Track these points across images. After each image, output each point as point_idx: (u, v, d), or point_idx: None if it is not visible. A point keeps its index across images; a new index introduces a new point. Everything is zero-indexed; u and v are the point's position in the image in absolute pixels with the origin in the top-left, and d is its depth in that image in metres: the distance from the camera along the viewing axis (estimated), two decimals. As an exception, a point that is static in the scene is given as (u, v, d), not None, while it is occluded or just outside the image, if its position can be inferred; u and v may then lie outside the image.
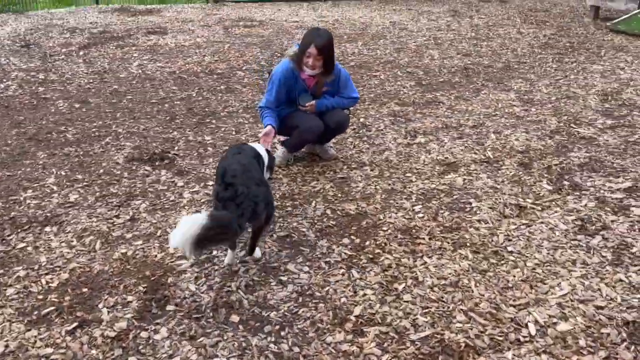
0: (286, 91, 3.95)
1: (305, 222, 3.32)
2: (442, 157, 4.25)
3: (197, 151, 4.43)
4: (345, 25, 9.95)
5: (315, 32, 3.78)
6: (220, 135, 4.77)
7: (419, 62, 7.34)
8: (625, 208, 3.44)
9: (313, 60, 3.73)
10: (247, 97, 5.83)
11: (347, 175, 3.96)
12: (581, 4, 12.66)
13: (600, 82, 6.31)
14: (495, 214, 3.39)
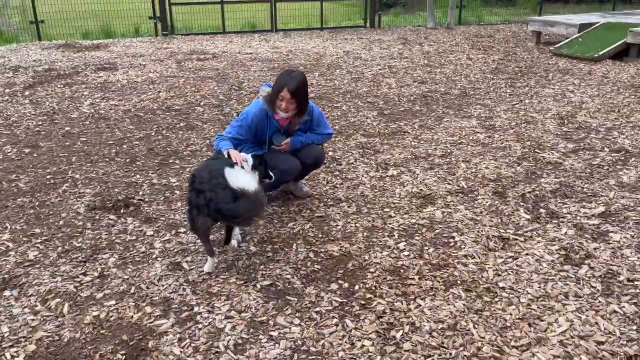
0: (256, 132, 3.83)
1: (289, 268, 3.16)
2: (417, 190, 4.20)
3: (164, 195, 4.21)
4: (300, 55, 9.94)
5: (288, 75, 3.67)
6: (186, 177, 4.56)
7: (378, 91, 7.36)
8: (604, 234, 3.46)
9: (286, 103, 3.63)
10: (209, 134, 5.64)
11: (325, 214, 3.83)
12: (522, 30, 13.22)
13: (554, 105, 6.49)
14: (480, 247, 3.33)
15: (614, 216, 3.70)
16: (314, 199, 4.09)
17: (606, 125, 5.68)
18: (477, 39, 11.82)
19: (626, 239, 3.38)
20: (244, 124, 3.77)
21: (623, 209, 3.80)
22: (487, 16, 15.56)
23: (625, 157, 4.78)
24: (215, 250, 3.24)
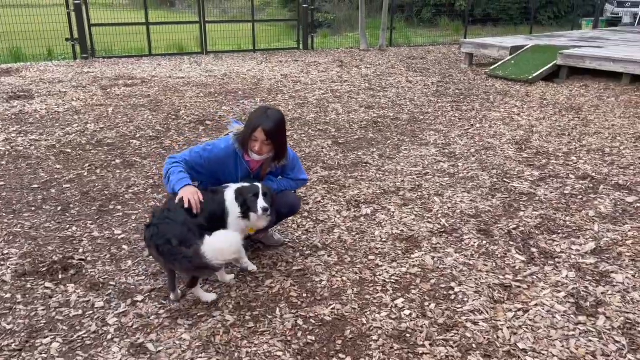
0: (219, 171, 3.33)
1: (277, 342, 2.67)
2: (397, 231, 3.84)
3: (109, 252, 3.57)
4: (236, 80, 9.43)
5: (263, 113, 3.20)
6: (133, 227, 3.94)
7: (326, 117, 7.02)
8: (605, 275, 3.25)
9: (260, 145, 3.16)
10: (151, 172, 5.02)
11: (305, 266, 3.37)
12: (451, 51, 13.45)
13: (506, 130, 6.42)
14: (484, 299, 3.00)
15: (606, 253, 3.51)
16: (287, 247, 3.62)
17: (562, 150, 5.64)
18: (410, 60, 11.84)
19: (629, 280, 3.18)
20: (207, 155, 3.26)
21: (613, 244, 3.63)
22: (413, 37, 15.77)
23: (593, 184, 4.69)
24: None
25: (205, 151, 3.28)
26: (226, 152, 3.28)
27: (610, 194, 4.46)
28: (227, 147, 3.28)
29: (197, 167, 3.26)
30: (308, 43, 13.01)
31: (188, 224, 2.92)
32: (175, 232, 2.84)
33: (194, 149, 3.32)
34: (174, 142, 5.90)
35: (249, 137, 3.15)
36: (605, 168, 5.09)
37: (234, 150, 3.28)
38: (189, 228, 2.92)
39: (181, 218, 2.94)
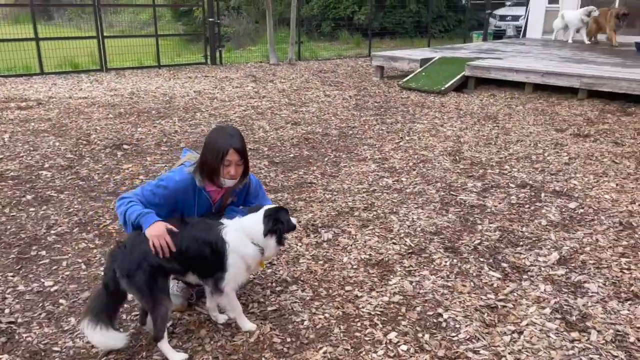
0: (178, 206, 2.94)
1: (275, 400, 2.35)
2: (365, 256, 3.64)
3: (44, 309, 3.02)
4: (146, 98, 8.81)
5: (224, 132, 2.88)
6: (66, 275, 3.39)
7: (254, 135, 6.70)
8: (579, 286, 3.27)
9: (235, 167, 2.84)
10: (73, 207, 4.43)
11: (280, 305, 3.06)
12: (358, 64, 13.65)
13: (435, 142, 6.49)
14: (477, 325, 2.88)
15: (571, 262, 3.56)
16: (253, 284, 3.28)
17: (494, 159, 5.77)
18: (323, 74, 11.81)
19: (602, 289, 3.22)
20: (161, 192, 2.86)
21: (574, 252, 3.69)
22: (319, 51, 15.85)
23: (534, 192, 4.81)
24: None
25: (159, 187, 2.88)
26: (183, 185, 2.91)
27: (552, 202, 4.59)
28: (183, 180, 2.91)
29: (151, 207, 2.85)
30: (216, 57, 12.55)
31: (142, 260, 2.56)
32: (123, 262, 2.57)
33: (145, 187, 2.91)
34: (92, 172, 5.29)
35: (219, 164, 2.80)
36: (538, 175, 5.26)
37: (192, 182, 2.92)
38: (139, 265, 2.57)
39: (137, 252, 2.58)
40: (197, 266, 2.73)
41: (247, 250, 2.73)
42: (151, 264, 2.57)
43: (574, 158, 5.78)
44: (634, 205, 4.47)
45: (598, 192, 4.79)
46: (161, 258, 2.60)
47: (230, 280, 2.73)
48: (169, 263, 2.62)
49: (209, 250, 2.69)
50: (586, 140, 6.45)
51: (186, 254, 2.65)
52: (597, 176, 5.19)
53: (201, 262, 2.71)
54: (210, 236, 2.70)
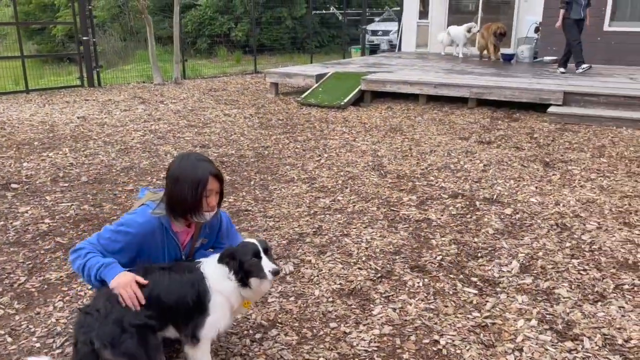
0: (142, 253, 2.54)
1: None
2: (336, 286, 3.42)
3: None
4: (22, 128, 7.79)
5: (192, 160, 2.53)
6: (-11, 353, 2.76)
7: (163, 162, 6.18)
8: (550, 293, 3.34)
9: (215, 197, 2.50)
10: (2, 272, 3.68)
11: (266, 355, 2.73)
12: (247, 81, 13.39)
13: (354, 157, 6.45)
14: (477, 348, 2.80)
15: (532, 269, 3.65)
16: (228, 334, 2.91)
17: (417, 172, 5.86)
18: (214, 92, 11.38)
19: (571, 293, 3.33)
20: (121, 239, 2.47)
21: (530, 258, 3.80)
22: (201, 69, 15.32)
23: (468, 202, 4.93)
24: None
25: (119, 233, 2.46)
26: (149, 227, 2.51)
27: (489, 209, 4.73)
28: (148, 222, 2.51)
29: (111, 257, 2.42)
30: (94, 79, 11.54)
31: (123, 321, 2.15)
32: (102, 330, 2.15)
33: (101, 233, 2.47)
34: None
35: (201, 196, 2.44)
36: (464, 184, 5.42)
37: (158, 224, 2.52)
38: (122, 328, 2.14)
39: (114, 314, 2.17)
40: (176, 314, 2.37)
41: (228, 289, 2.42)
42: (136, 324, 2.16)
43: (488, 165, 6.06)
44: (559, 207, 4.75)
45: (523, 196, 5.03)
46: (141, 312, 2.20)
47: (210, 325, 2.39)
48: (151, 317, 2.24)
49: (188, 291, 2.37)
50: (491, 147, 6.82)
51: (164, 301, 2.30)
52: (515, 181, 5.47)
53: (181, 308, 2.36)
54: (195, 275, 2.39)
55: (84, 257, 2.34)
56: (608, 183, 5.34)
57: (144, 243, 2.50)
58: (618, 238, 4.08)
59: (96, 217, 4.58)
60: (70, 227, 4.37)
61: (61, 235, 4.22)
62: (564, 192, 5.10)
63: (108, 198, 5.05)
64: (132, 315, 2.20)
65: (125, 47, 21.05)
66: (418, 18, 16.15)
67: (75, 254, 2.38)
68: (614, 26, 11.95)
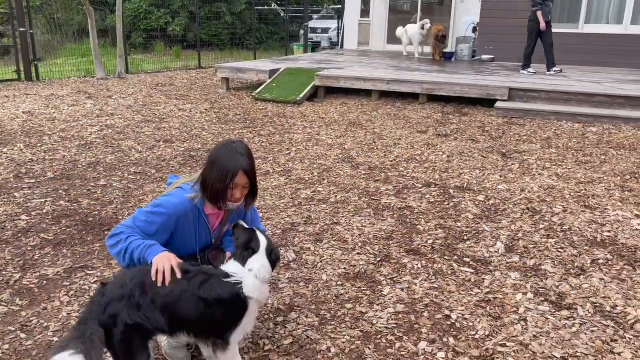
0: (176, 235, 2.57)
1: None
2: (341, 270, 3.55)
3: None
4: (-34, 123, 7.33)
5: (233, 151, 2.55)
6: (5, 349, 2.67)
7: (130, 157, 6.05)
8: (536, 269, 3.64)
9: (241, 190, 2.55)
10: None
11: (293, 336, 2.82)
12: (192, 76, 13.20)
13: (324, 151, 6.59)
14: (487, 320, 3.02)
15: (517, 249, 3.94)
16: (250, 320, 2.97)
17: (387, 164, 6.09)
18: (162, 87, 11.14)
19: (556, 269, 3.63)
20: (158, 220, 2.49)
21: (512, 239, 4.09)
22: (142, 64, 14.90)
23: (442, 190, 5.20)
24: None
25: (155, 215, 2.48)
26: (183, 209, 2.54)
27: (463, 197, 5.02)
28: (182, 203, 2.54)
29: (146, 234, 2.45)
30: (32, 73, 10.96)
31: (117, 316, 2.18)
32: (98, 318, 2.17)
33: (136, 216, 2.48)
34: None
35: (227, 187, 2.48)
36: (434, 174, 5.70)
37: (192, 207, 2.56)
38: (115, 322, 2.18)
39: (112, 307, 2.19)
40: (198, 329, 2.36)
41: (264, 293, 2.47)
42: (127, 323, 2.17)
43: (451, 156, 6.39)
44: (526, 193, 5.11)
45: (491, 184, 5.37)
46: (137, 313, 2.20)
47: (242, 330, 2.43)
48: (150, 322, 2.23)
49: (221, 311, 2.32)
50: (449, 140, 7.17)
51: (183, 317, 2.28)
52: (480, 170, 5.81)
53: (206, 324, 2.34)
54: (224, 293, 2.32)
55: (126, 240, 2.34)
56: (562, 171, 5.79)
57: (178, 225, 2.53)
58: (584, 219, 4.47)
59: (76, 213, 4.45)
60: (52, 224, 4.22)
61: (44, 231, 4.08)
62: (526, 180, 5.49)
63: (83, 194, 4.90)
64: (126, 315, 2.17)
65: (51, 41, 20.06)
66: (360, 16, 16.51)
67: (115, 239, 2.37)
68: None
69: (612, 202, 4.85)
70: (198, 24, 16.19)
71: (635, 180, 5.45)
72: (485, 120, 8.31)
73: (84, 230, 4.13)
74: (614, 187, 5.24)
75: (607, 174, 5.64)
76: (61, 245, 3.86)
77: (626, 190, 5.15)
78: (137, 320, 2.18)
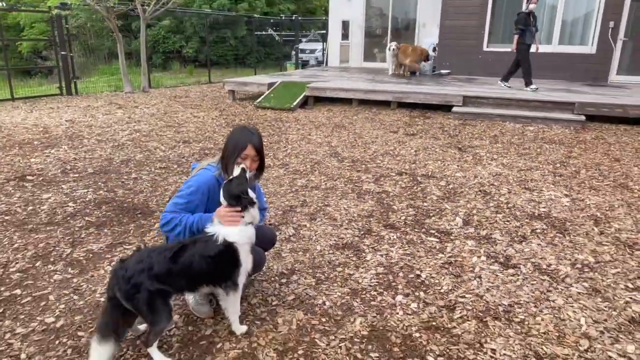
0: (208, 207, 2.60)
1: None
2: (332, 242, 3.60)
3: (66, 346, 2.36)
4: (18, 130, 7.25)
5: (246, 131, 2.61)
6: (62, 308, 2.68)
7: (155, 155, 6.04)
8: (488, 238, 3.72)
9: (250, 162, 2.58)
10: (16, 242, 3.49)
11: (295, 293, 2.87)
12: (203, 89, 13.10)
13: (315, 148, 6.61)
14: (449, 278, 3.09)
15: (472, 223, 4.01)
16: (259, 281, 3.01)
17: (366, 157, 6.14)
18: (179, 99, 11.07)
19: (503, 237, 3.71)
20: (194, 197, 2.54)
21: (468, 215, 4.17)
22: (162, 80, 14.78)
23: (411, 177, 5.26)
24: None
25: (192, 194, 2.54)
26: (210, 183, 2.58)
27: (428, 182, 5.08)
28: (208, 179, 2.58)
29: (189, 210, 2.50)
30: (71, 88, 10.84)
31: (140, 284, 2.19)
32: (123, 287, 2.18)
33: (177, 200, 2.54)
34: (10, 205, 4.23)
35: (236, 158, 2.52)
36: (404, 165, 5.76)
37: (216, 180, 2.59)
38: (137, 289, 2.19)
39: (135, 278, 2.20)
40: (212, 279, 2.40)
41: (244, 237, 2.45)
42: (149, 290, 2.19)
43: (417, 151, 6.45)
44: (478, 179, 5.20)
45: (450, 172, 5.44)
46: (154, 280, 2.21)
47: (242, 271, 2.44)
48: (172, 286, 2.27)
49: (223, 259, 2.36)
50: (416, 138, 7.23)
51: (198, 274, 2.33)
52: (441, 162, 5.89)
53: (217, 273, 2.38)
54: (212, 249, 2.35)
55: (180, 222, 2.40)
56: (507, 161, 5.89)
57: (209, 196, 2.55)
58: (524, 198, 4.57)
59: (113, 200, 4.45)
60: (94, 209, 4.22)
61: (88, 215, 4.08)
62: (478, 168, 5.57)
63: (118, 185, 4.89)
64: (148, 283, 2.19)
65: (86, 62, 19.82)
66: (341, 39, 16.49)
67: (170, 225, 2.40)
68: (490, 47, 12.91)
69: (546, 184, 4.95)
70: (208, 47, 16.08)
71: (563, 168, 5.56)
72: (444, 122, 8.38)
73: (120, 214, 4.13)
74: (547, 173, 5.34)
75: (542, 163, 5.75)
76: (102, 226, 3.86)
77: (557, 175, 5.26)
78: (157, 287, 2.21)
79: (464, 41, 12.60)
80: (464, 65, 12.50)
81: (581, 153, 6.19)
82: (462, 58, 12.74)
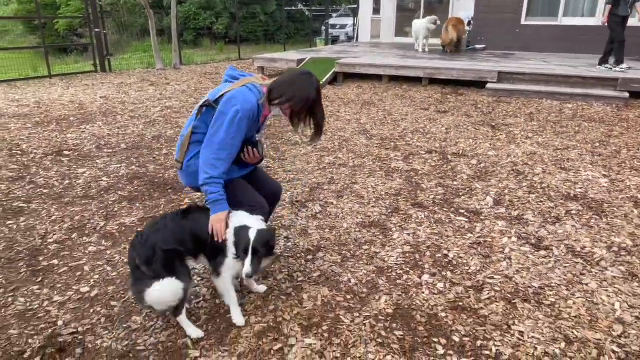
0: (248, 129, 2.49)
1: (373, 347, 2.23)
2: (359, 220, 3.58)
3: (99, 314, 2.45)
4: (55, 106, 7.48)
5: (311, 80, 2.46)
6: (96, 279, 2.78)
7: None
8: (520, 218, 3.61)
9: None
10: (54, 214, 3.62)
11: (320, 270, 2.88)
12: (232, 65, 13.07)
13: (344, 125, 6.54)
14: (478, 258, 3.03)
15: (503, 203, 3.91)
16: (286, 257, 3.04)
17: (395, 135, 6.03)
18: (209, 76, 11.13)
19: (536, 218, 3.60)
20: (239, 133, 2.39)
21: (500, 195, 4.06)
22: (192, 57, 14.87)
23: (441, 156, 5.14)
24: None
25: (235, 133, 2.37)
26: (254, 111, 2.44)
27: (459, 161, 4.97)
28: (255, 104, 2.43)
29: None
30: (105, 66, 11.06)
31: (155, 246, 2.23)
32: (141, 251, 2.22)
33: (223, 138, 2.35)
34: (48, 179, 4.39)
35: (306, 114, 2.45)
36: (435, 143, 5.64)
37: (258, 104, 2.46)
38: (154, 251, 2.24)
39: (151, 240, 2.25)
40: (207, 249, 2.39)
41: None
42: (164, 249, 2.23)
43: (449, 128, 6.29)
44: (511, 158, 5.04)
45: (482, 151, 5.30)
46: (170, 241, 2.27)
47: (227, 263, 2.35)
48: (180, 245, 2.29)
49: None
50: (447, 115, 7.05)
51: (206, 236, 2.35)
52: (473, 140, 5.73)
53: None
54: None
55: (215, 183, 2.36)
56: (542, 140, 5.67)
57: (249, 127, 2.46)
58: (559, 179, 4.40)
59: (145, 175, 4.55)
60: (127, 184, 4.33)
61: (121, 189, 4.19)
62: (512, 147, 5.40)
63: (149, 160, 5.00)
64: (162, 243, 2.23)
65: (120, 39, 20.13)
66: (372, 14, 16.12)
67: (212, 181, 2.35)
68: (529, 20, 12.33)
69: (583, 164, 4.76)
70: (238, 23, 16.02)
71: (603, 147, 5.32)
72: (478, 99, 8.13)
73: (152, 189, 4.23)
74: (585, 153, 5.13)
75: (580, 142, 5.52)
76: (134, 200, 3.97)
77: (595, 155, 5.04)
78: (171, 247, 2.24)
79: (502, 14, 12.07)
80: (501, 40, 12.02)
81: (623, 132, 5.90)
82: (498, 32, 12.24)
